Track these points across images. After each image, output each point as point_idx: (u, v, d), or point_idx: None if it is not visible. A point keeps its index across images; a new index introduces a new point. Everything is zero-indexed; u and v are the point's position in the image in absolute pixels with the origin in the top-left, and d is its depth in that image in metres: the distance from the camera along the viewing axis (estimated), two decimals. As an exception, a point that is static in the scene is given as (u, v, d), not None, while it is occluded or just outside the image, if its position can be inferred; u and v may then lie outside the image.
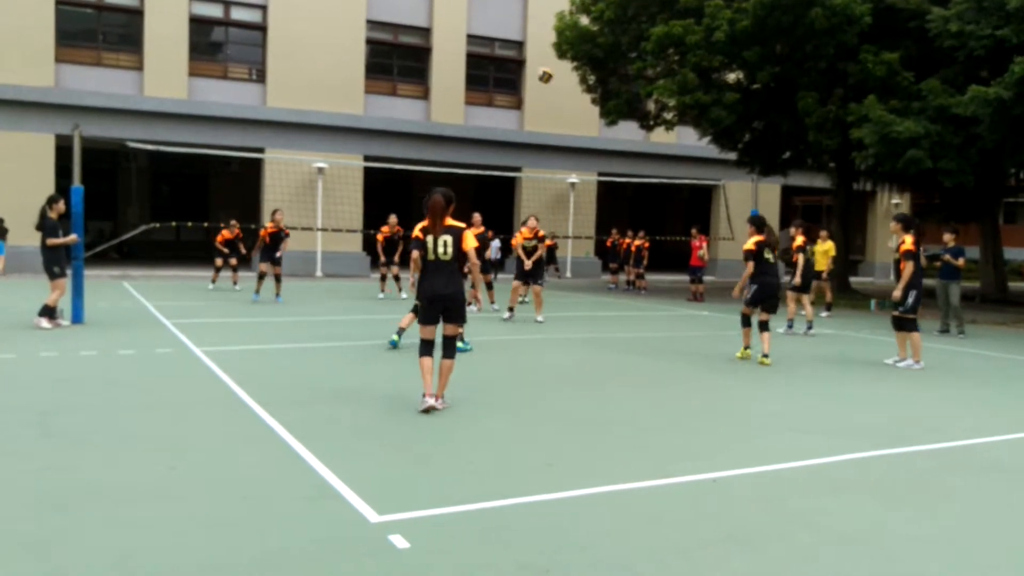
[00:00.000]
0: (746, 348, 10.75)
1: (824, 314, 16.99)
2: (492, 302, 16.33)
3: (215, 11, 25.67)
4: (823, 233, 17.26)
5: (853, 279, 27.56)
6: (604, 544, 4.17)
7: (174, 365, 9.01)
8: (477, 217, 14.89)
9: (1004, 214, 35.19)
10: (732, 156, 24.67)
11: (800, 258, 13.95)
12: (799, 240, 14.04)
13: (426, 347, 7.19)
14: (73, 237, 11.94)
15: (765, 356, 10.28)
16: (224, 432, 6.22)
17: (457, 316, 7.18)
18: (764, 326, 10.53)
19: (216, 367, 8.81)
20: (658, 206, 40.03)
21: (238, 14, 25.94)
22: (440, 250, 7.05)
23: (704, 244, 20.84)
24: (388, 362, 9.73)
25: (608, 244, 25.47)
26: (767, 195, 31.02)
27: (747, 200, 19.91)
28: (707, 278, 23.19)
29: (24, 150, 22.82)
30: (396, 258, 17.66)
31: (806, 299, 14.08)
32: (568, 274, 29.38)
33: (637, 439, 6.37)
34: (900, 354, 10.66)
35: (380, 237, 17.71)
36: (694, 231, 20.98)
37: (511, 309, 14.27)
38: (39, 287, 17.89)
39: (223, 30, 26.21)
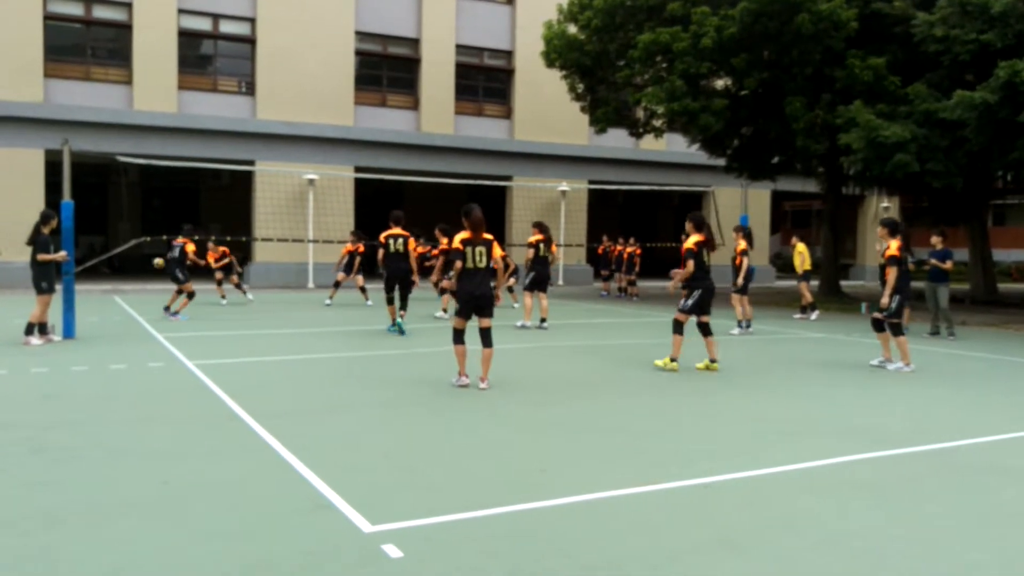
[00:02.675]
0: (673, 360, 10.05)
1: (813, 315, 17.19)
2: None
3: (204, 24, 25.69)
4: (793, 239, 17.84)
5: (843, 283, 27.67)
6: (595, 550, 4.19)
7: (166, 379, 9.00)
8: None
9: (992, 216, 35.38)
10: (721, 162, 24.77)
11: (745, 262, 14.09)
12: (742, 244, 14.14)
13: (459, 336, 8.63)
14: (63, 254, 11.92)
15: (713, 362, 10.03)
16: (217, 445, 6.22)
17: (489, 312, 8.69)
18: (707, 330, 10.20)
19: (208, 380, 8.81)
20: (649, 213, 40.11)
21: (227, 27, 25.96)
22: (477, 259, 8.52)
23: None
24: (379, 372, 9.74)
25: (600, 251, 25.53)
26: (757, 200, 31.14)
27: (737, 206, 19.90)
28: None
29: (14, 166, 22.78)
30: (355, 269, 19.12)
31: (746, 300, 14.43)
32: (560, 281, 29.42)
33: (630, 445, 6.39)
34: (884, 355, 10.74)
35: (344, 252, 19.30)
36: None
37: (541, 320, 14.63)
38: (28, 303, 17.84)
39: (212, 43, 26.24)
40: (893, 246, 10.47)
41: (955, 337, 14.01)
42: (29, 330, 11.57)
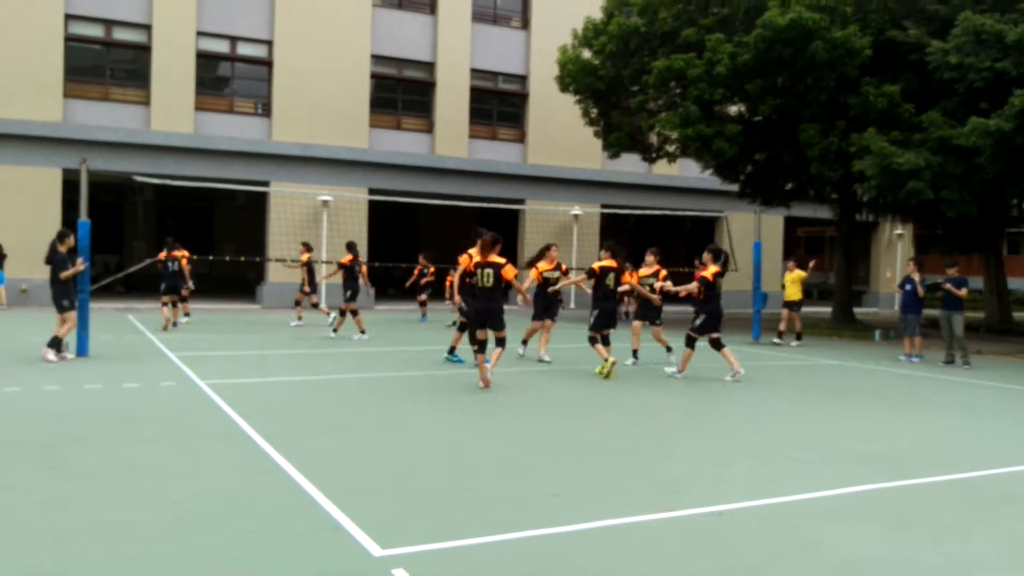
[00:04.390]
0: (607, 360, 11.40)
1: (795, 343, 17.10)
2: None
3: (221, 46, 25.96)
4: (790, 264, 17.57)
5: (857, 310, 27.52)
6: (608, 577, 4.15)
7: (178, 398, 9.01)
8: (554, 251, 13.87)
9: (1008, 245, 35.15)
10: (734, 188, 24.77)
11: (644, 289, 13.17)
12: (643, 270, 13.48)
13: (481, 345, 9.98)
14: (80, 260, 12.12)
15: (607, 361, 11.28)
16: (228, 465, 6.21)
17: (496, 324, 10.05)
18: (606, 340, 11.71)
19: (220, 400, 8.81)
20: (661, 237, 40.05)
21: (244, 49, 26.23)
22: (484, 279, 9.96)
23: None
24: (391, 394, 9.72)
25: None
26: (770, 226, 31.07)
27: (750, 231, 19.87)
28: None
29: (31, 184, 22.99)
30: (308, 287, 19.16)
31: (637, 325, 13.52)
32: (572, 305, 29.39)
33: (642, 469, 6.35)
34: (734, 369, 11.48)
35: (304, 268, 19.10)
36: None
37: (525, 343, 13.70)
38: (43, 320, 17.92)
39: (229, 65, 26.49)
40: (710, 271, 11.55)
41: (970, 366, 13.89)
42: (52, 343, 11.72)
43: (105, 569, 4.10)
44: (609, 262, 11.72)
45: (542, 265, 13.59)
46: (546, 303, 13.48)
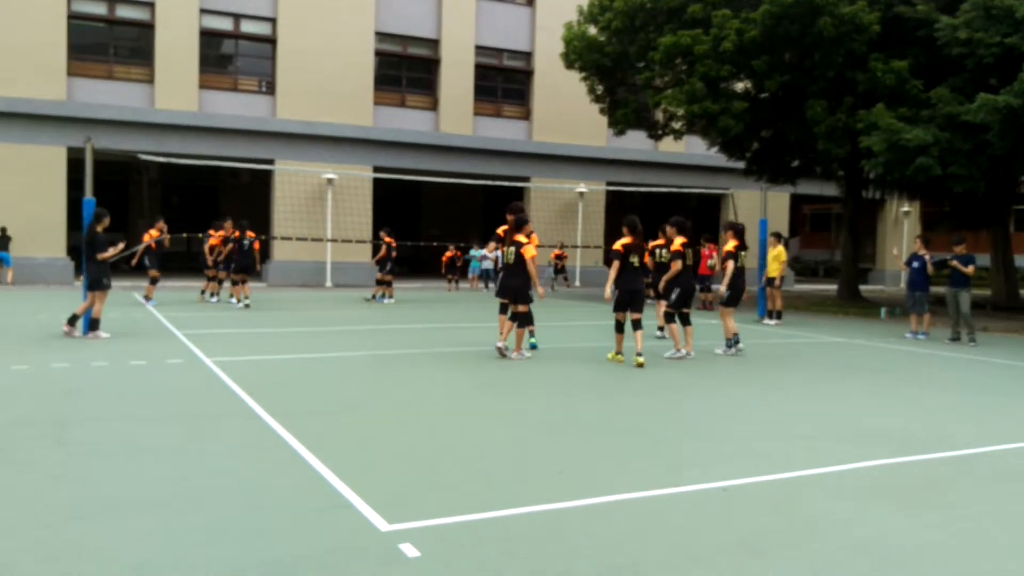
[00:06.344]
0: (618, 353, 10.83)
1: (771, 322, 16.89)
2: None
3: (225, 24, 25.86)
4: (771, 239, 17.18)
5: (864, 287, 27.48)
6: (615, 552, 4.17)
7: (185, 376, 9.05)
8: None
9: (1015, 221, 35.01)
10: (740, 165, 24.68)
11: (730, 265, 12.07)
12: (730, 245, 12.19)
13: (503, 308, 11.02)
14: (121, 246, 12.47)
15: (639, 355, 10.29)
16: (235, 442, 6.24)
17: (514, 299, 10.91)
18: (637, 324, 10.56)
19: (227, 377, 8.85)
20: (667, 215, 39.93)
21: (248, 27, 26.12)
22: (506, 256, 11.03)
23: (714, 253, 20.80)
24: (398, 372, 9.75)
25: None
26: (776, 203, 30.96)
27: (756, 209, 19.83)
28: (716, 287, 23.17)
29: (37, 163, 23.01)
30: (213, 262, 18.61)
31: (729, 312, 12.09)
32: (577, 283, 29.39)
33: (646, 446, 6.37)
34: (676, 346, 11.37)
35: (213, 242, 18.52)
36: (703, 240, 20.95)
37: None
38: (49, 299, 18.01)
39: (233, 43, 26.40)
40: (677, 242, 11.48)
41: (976, 343, 13.87)
42: (95, 325, 11.92)
43: (117, 545, 4.14)
44: (628, 239, 10.64)
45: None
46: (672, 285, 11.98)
